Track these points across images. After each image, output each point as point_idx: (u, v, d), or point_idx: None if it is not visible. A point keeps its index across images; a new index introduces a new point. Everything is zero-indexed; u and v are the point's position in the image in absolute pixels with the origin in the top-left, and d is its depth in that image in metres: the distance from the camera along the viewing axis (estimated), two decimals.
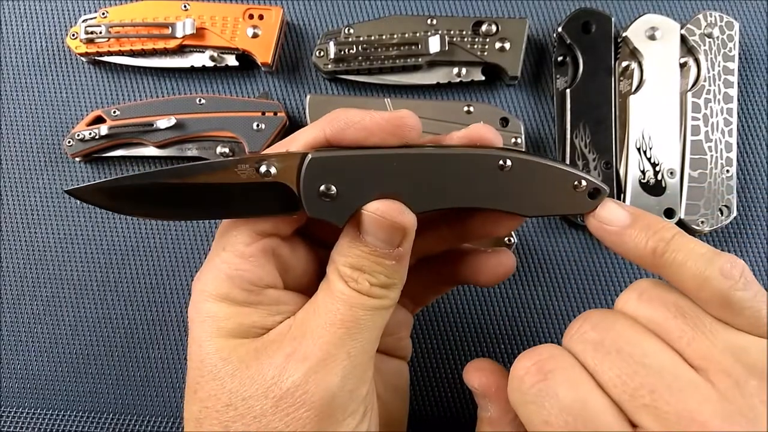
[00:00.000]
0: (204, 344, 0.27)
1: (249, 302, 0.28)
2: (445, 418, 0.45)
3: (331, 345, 0.26)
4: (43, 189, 0.48)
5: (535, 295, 0.47)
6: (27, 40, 0.50)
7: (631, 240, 0.27)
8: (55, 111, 0.49)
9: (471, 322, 0.46)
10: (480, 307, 0.46)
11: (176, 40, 0.47)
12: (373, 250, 0.27)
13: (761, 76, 0.49)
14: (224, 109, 0.46)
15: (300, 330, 0.27)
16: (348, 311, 0.26)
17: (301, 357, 0.26)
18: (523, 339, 0.46)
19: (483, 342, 0.46)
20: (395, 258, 0.27)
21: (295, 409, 0.25)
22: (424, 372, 0.46)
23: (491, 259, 0.33)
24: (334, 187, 0.27)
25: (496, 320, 0.46)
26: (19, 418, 0.46)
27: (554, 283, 0.47)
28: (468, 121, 0.46)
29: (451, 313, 0.46)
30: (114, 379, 0.46)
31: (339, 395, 0.25)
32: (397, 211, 0.27)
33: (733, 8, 0.50)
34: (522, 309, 0.46)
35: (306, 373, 0.25)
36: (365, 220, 0.27)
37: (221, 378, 0.26)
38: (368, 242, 0.27)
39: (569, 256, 0.47)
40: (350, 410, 0.26)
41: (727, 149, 0.46)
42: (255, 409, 0.25)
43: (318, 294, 0.28)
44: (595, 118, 0.46)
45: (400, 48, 0.46)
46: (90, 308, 0.47)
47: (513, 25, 0.47)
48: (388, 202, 0.27)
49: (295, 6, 0.50)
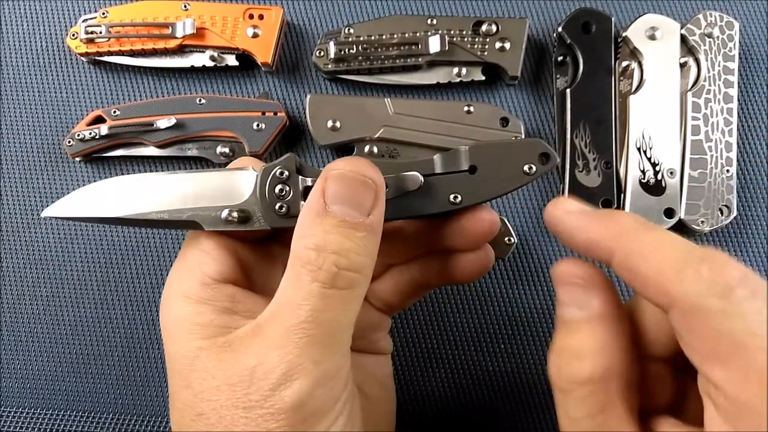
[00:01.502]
0: (170, 350, 0.27)
1: (207, 299, 0.27)
2: (445, 417, 0.45)
3: (294, 356, 0.24)
4: (43, 189, 0.48)
5: (535, 295, 0.47)
6: (27, 40, 0.50)
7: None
8: (56, 111, 0.49)
9: (471, 322, 0.46)
10: (480, 307, 0.46)
11: (176, 40, 0.47)
12: (341, 221, 0.25)
13: (761, 76, 0.49)
14: (224, 109, 0.46)
15: (262, 338, 0.25)
16: (310, 314, 0.24)
17: (265, 370, 0.24)
18: (523, 339, 0.46)
19: (483, 342, 0.46)
20: (367, 228, 0.25)
21: (265, 420, 0.24)
22: (424, 372, 0.46)
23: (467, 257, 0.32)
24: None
25: (496, 320, 0.46)
26: (19, 418, 0.46)
27: None
28: (468, 121, 0.46)
29: (450, 313, 0.46)
30: (114, 379, 0.46)
31: (309, 402, 0.24)
32: (366, 165, 0.26)
33: (733, 8, 0.50)
34: (522, 309, 0.46)
35: (272, 388, 0.24)
36: (331, 183, 0.25)
37: (192, 387, 0.26)
38: (336, 212, 0.25)
39: (568, 256, 0.47)
40: (323, 412, 0.25)
41: (727, 149, 0.46)
42: (226, 419, 0.25)
43: (278, 294, 0.26)
44: (595, 118, 0.46)
45: (400, 48, 0.46)
46: (90, 308, 0.47)
47: (513, 25, 0.47)
48: (353, 159, 0.26)
49: (295, 6, 0.50)
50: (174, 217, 0.28)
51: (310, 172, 0.29)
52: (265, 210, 0.28)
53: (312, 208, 0.26)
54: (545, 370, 0.45)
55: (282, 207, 0.28)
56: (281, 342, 0.24)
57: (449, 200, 0.29)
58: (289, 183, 0.28)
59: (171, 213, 0.28)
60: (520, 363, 0.46)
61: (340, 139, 0.46)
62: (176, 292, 0.28)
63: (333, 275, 0.25)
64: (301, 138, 0.49)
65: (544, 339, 0.46)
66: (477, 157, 0.29)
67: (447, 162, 0.29)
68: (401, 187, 0.28)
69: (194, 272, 0.28)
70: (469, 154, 0.29)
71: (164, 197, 0.29)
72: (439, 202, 0.29)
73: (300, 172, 0.28)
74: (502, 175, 0.29)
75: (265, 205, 0.28)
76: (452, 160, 0.29)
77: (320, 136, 0.46)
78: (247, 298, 0.28)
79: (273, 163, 0.28)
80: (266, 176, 0.28)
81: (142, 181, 0.29)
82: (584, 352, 0.24)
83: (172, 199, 0.28)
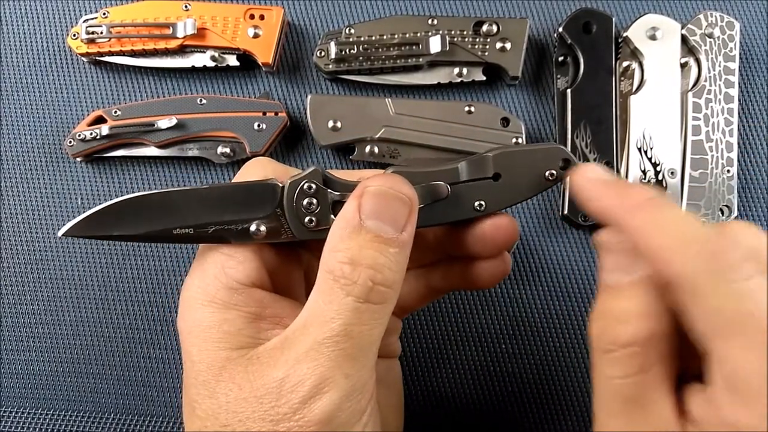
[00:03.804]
0: (195, 359, 0.27)
1: (234, 304, 0.27)
2: (444, 417, 0.45)
3: (326, 368, 0.24)
4: (44, 189, 0.48)
5: (535, 295, 0.47)
6: (28, 40, 0.50)
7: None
8: (56, 111, 0.49)
9: (471, 322, 0.46)
10: (480, 307, 0.46)
11: (177, 40, 0.47)
12: (377, 236, 0.25)
13: (762, 76, 0.49)
14: (225, 109, 0.46)
15: (292, 350, 0.25)
16: (343, 328, 0.24)
17: (294, 383, 0.24)
18: (523, 339, 0.46)
19: (483, 342, 0.46)
20: (400, 245, 0.26)
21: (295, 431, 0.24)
22: (423, 372, 0.46)
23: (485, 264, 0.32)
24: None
25: (496, 320, 0.46)
26: (19, 418, 0.46)
27: (554, 283, 0.47)
28: (469, 121, 0.46)
29: (450, 313, 0.46)
30: (115, 379, 0.46)
31: (338, 416, 0.24)
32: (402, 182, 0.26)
33: (733, 8, 0.50)
34: (522, 309, 0.46)
35: (301, 401, 0.24)
36: (368, 199, 0.26)
37: (217, 397, 0.25)
38: (371, 228, 0.25)
39: (569, 256, 0.47)
40: (350, 424, 0.25)
41: (728, 149, 0.46)
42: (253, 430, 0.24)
43: (310, 305, 0.26)
44: (595, 118, 0.46)
45: (401, 48, 0.46)
46: (90, 308, 0.47)
47: (514, 25, 0.47)
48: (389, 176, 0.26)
49: (295, 6, 0.50)
50: (199, 232, 0.28)
51: (337, 185, 0.29)
52: (294, 223, 0.28)
53: (347, 223, 0.26)
54: (545, 370, 0.45)
55: (311, 221, 0.28)
56: (312, 354, 0.24)
57: (474, 207, 0.29)
58: (318, 196, 0.28)
59: (196, 228, 0.28)
60: (521, 363, 0.46)
61: (341, 139, 0.46)
62: (199, 296, 0.27)
63: (368, 290, 0.25)
64: (302, 138, 0.49)
65: (544, 339, 0.46)
66: (501, 164, 0.29)
67: (472, 169, 0.29)
68: (430, 197, 0.29)
69: (219, 276, 0.27)
70: (493, 162, 0.29)
71: (187, 212, 0.28)
72: (464, 209, 0.29)
73: (326, 184, 0.29)
74: (524, 181, 0.29)
75: (293, 219, 0.28)
76: (477, 167, 0.29)
77: (321, 136, 0.46)
78: (274, 302, 0.28)
79: (300, 176, 0.28)
80: (293, 190, 0.28)
81: (163, 197, 0.28)
82: (628, 316, 0.24)
83: (196, 214, 0.28)
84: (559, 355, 0.46)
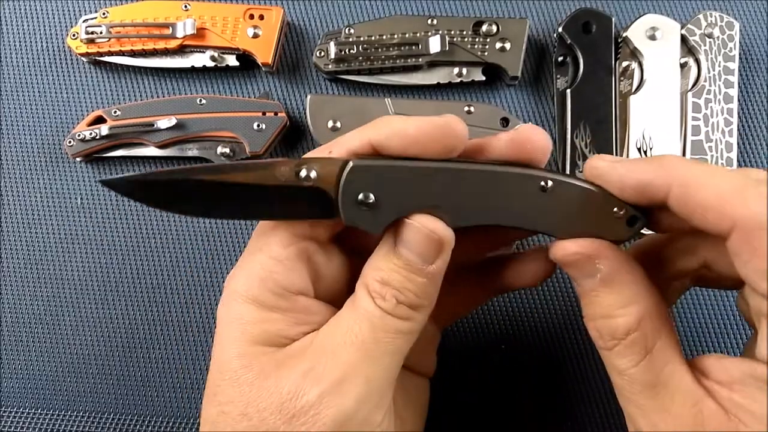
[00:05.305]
0: (227, 348, 0.27)
1: (278, 307, 0.27)
2: (445, 415, 0.45)
3: (349, 366, 0.25)
4: (44, 189, 0.48)
5: (535, 294, 0.47)
6: (28, 40, 0.50)
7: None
8: (56, 111, 0.49)
9: (471, 322, 0.46)
10: (480, 307, 0.46)
11: (177, 40, 0.47)
12: (406, 264, 0.27)
13: (761, 76, 0.49)
14: (225, 110, 0.46)
15: (320, 346, 0.26)
16: (370, 332, 0.26)
17: (317, 376, 0.25)
18: (524, 339, 0.46)
19: (483, 342, 0.46)
20: (427, 276, 0.27)
21: (306, 429, 0.25)
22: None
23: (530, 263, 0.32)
24: (373, 195, 0.27)
25: (497, 320, 0.46)
26: (19, 418, 0.46)
27: (554, 283, 0.47)
28: (468, 121, 0.46)
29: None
30: (114, 379, 0.46)
31: (352, 420, 0.25)
32: (438, 224, 0.27)
33: (733, 8, 0.50)
34: (522, 309, 0.46)
35: (320, 394, 0.25)
36: (405, 230, 0.27)
37: (240, 385, 0.26)
38: (402, 255, 0.27)
39: None
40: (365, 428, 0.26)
41: (728, 149, 0.46)
42: (268, 422, 0.25)
43: (343, 309, 0.28)
44: (595, 118, 0.46)
45: (401, 48, 0.46)
46: (90, 308, 0.47)
47: (513, 25, 0.47)
48: (430, 217, 0.27)
49: (295, 6, 0.50)
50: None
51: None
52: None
53: (386, 245, 0.27)
54: (545, 370, 0.45)
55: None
56: (337, 351, 0.26)
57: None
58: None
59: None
60: (522, 363, 0.46)
61: None
62: (244, 292, 0.27)
63: (393, 306, 0.26)
64: (302, 138, 0.49)
65: (544, 339, 0.46)
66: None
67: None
68: None
69: (266, 280, 0.27)
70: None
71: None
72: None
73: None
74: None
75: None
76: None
77: (321, 136, 0.46)
78: (318, 310, 0.29)
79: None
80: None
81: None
82: (612, 311, 0.26)
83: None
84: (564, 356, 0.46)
